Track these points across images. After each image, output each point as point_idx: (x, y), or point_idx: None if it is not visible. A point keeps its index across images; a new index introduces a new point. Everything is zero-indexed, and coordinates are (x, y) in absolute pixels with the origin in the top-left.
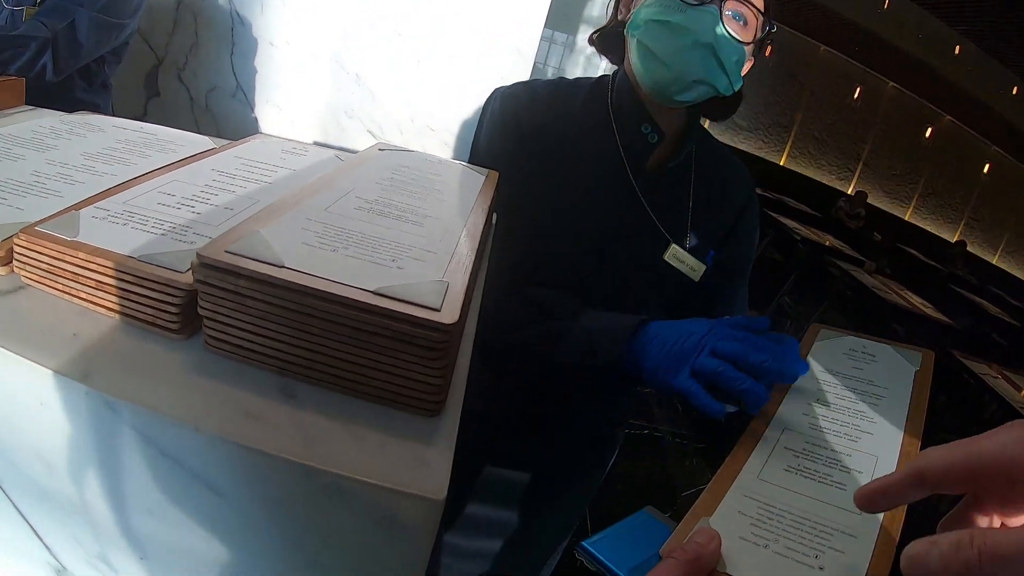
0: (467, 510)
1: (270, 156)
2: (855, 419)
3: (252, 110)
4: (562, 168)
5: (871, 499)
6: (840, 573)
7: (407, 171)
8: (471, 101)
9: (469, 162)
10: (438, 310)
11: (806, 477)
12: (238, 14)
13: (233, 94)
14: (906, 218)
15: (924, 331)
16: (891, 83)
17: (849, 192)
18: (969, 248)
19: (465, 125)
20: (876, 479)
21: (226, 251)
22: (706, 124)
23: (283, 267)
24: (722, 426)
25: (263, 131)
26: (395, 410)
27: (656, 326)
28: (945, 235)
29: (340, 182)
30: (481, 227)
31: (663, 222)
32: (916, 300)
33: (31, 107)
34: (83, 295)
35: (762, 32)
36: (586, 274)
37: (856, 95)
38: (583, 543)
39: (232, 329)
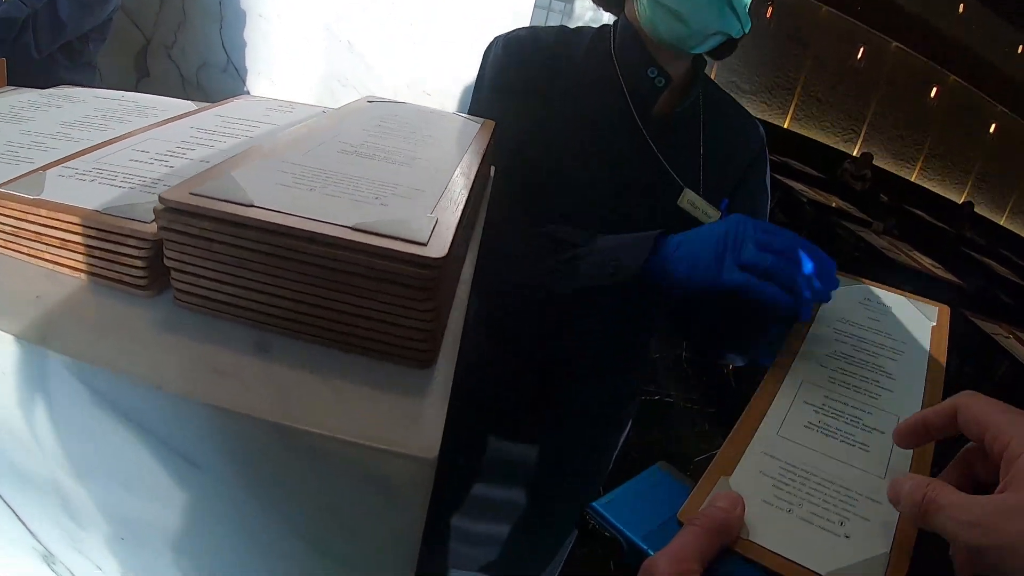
0: (474, 491)
1: (254, 113)
2: (875, 374)
3: (244, 84)
4: (570, 115)
5: (913, 431)
6: (866, 542)
7: (397, 119)
8: (467, 64)
9: (470, 112)
10: (424, 244)
11: (828, 435)
12: None
13: (224, 69)
14: (912, 179)
15: (934, 292)
16: (894, 43)
17: (854, 154)
18: (976, 209)
19: (463, 88)
20: (911, 417)
21: (191, 192)
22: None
23: (252, 206)
24: (732, 390)
25: None
26: (382, 362)
27: (679, 235)
28: (952, 196)
29: (322, 129)
30: (476, 169)
31: (675, 168)
32: (926, 261)
33: (13, 87)
34: (48, 256)
35: None
36: (598, 222)
37: (859, 56)
38: (593, 504)
39: (201, 280)
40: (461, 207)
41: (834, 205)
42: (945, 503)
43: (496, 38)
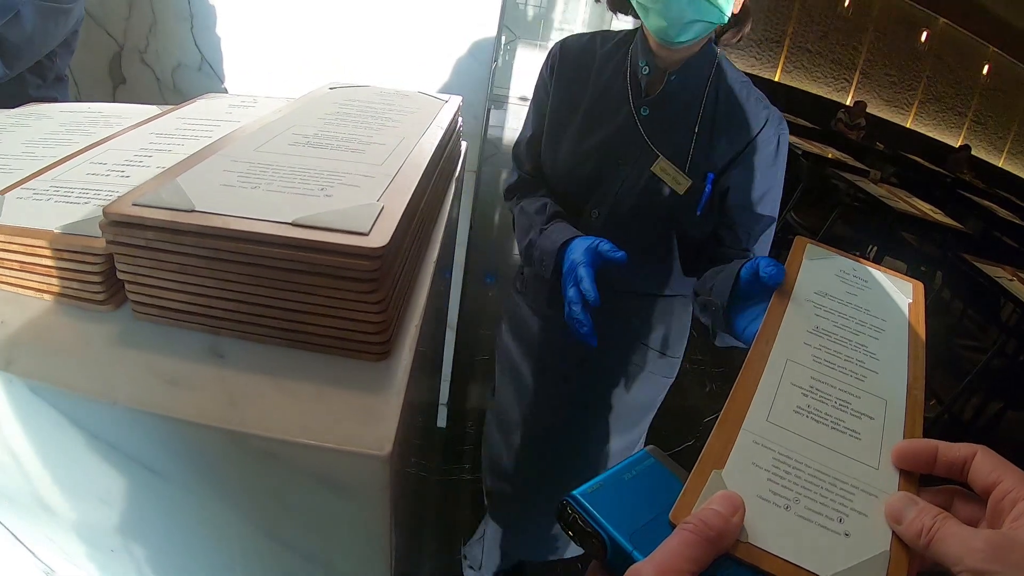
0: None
1: (215, 113)
2: (858, 354)
3: (222, 81)
4: (584, 98)
5: (916, 458)
6: (865, 539)
7: (356, 104)
8: (441, 52)
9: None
10: (366, 234)
11: (817, 421)
12: None
13: (199, 68)
14: (907, 125)
15: (934, 237)
16: None
17: (847, 103)
18: (974, 152)
19: (439, 77)
20: (922, 441)
21: (133, 203)
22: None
23: (193, 211)
24: (740, 350)
25: None
26: (338, 358)
27: (574, 243)
28: (948, 140)
29: (277, 121)
30: (435, 147)
31: (657, 140)
32: (925, 207)
33: None
34: (10, 280)
35: None
36: (584, 183)
37: (847, 3)
38: (574, 492)
39: (154, 290)
40: (411, 190)
41: (830, 156)
42: (950, 532)
43: (557, 42)
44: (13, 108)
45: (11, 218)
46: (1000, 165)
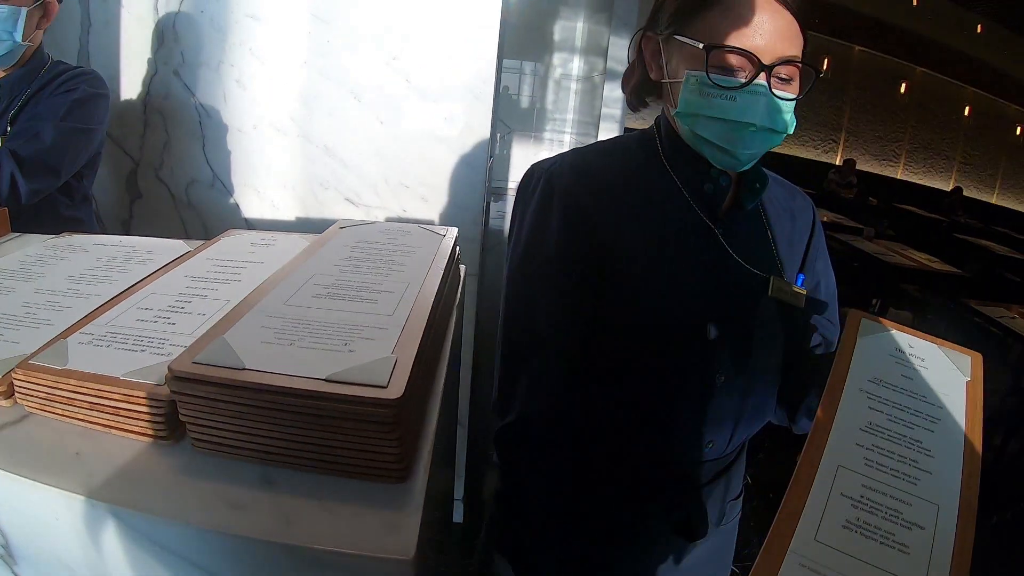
0: None
1: (239, 252)
2: (912, 452)
3: (232, 197)
4: (644, 238)
5: None
6: None
7: (366, 247)
8: (439, 151)
9: (516, 247)
10: (385, 387)
11: (866, 536)
12: (203, 106)
13: (212, 184)
14: (898, 176)
15: (935, 285)
16: (857, 47)
17: (837, 163)
18: (966, 192)
19: (439, 175)
20: None
21: (193, 362)
22: None
23: (244, 369)
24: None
25: (245, 216)
26: (368, 482)
27: None
28: (940, 185)
29: (300, 271)
30: (435, 290)
31: (752, 261)
32: (922, 256)
33: (17, 234)
34: (80, 416)
35: (809, 80)
36: (699, 339)
37: (825, 66)
38: None
39: (211, 429)
40: (419, 339)
41: (825, 220)
42: None
43: (534, 171)
44: (44, 228)
45: (78, 363)
46: (993, 202)
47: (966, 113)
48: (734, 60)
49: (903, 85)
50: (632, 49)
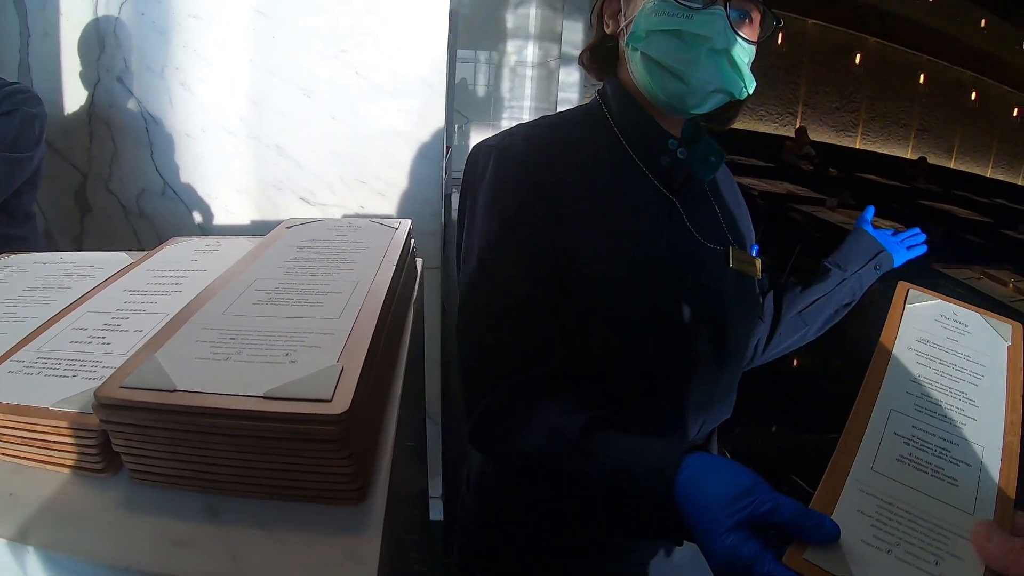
0: None
1: (182, 261)
2: (958, 401)
3: (184, 205)
4: (601, 213)
5: (989, 548)
6: None
7: (313, 245)
8: (394, 144)
9: (466, 232)
10: (329, 400)
11: (918, 469)
12: (149, 114)
13: (163, 192)
14: (856, 146)
15: None
16: (811, 20)
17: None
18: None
19: (396, 169)
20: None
21: (120, 387)
22: None
23: (175, 391)
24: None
25: (199, 222)
26: (321, 506)
27: (700, 462)
28: (899, 153)
29: (241, 276)
30: (387, 286)
31: (704, 233)
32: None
33: None
34: (12, 452)
35: (768, 29)
36: (659, 320)
37: (779, 41)
38: None
39: (147, 459)
40: (368, 343)
41: (785, 192)
42: None
43: (480, 149)
44: None
45: (7, 394)
46: (952, 167)
47: (921, 81)
48: None
49: (857, 56)
50: (594, 16)
